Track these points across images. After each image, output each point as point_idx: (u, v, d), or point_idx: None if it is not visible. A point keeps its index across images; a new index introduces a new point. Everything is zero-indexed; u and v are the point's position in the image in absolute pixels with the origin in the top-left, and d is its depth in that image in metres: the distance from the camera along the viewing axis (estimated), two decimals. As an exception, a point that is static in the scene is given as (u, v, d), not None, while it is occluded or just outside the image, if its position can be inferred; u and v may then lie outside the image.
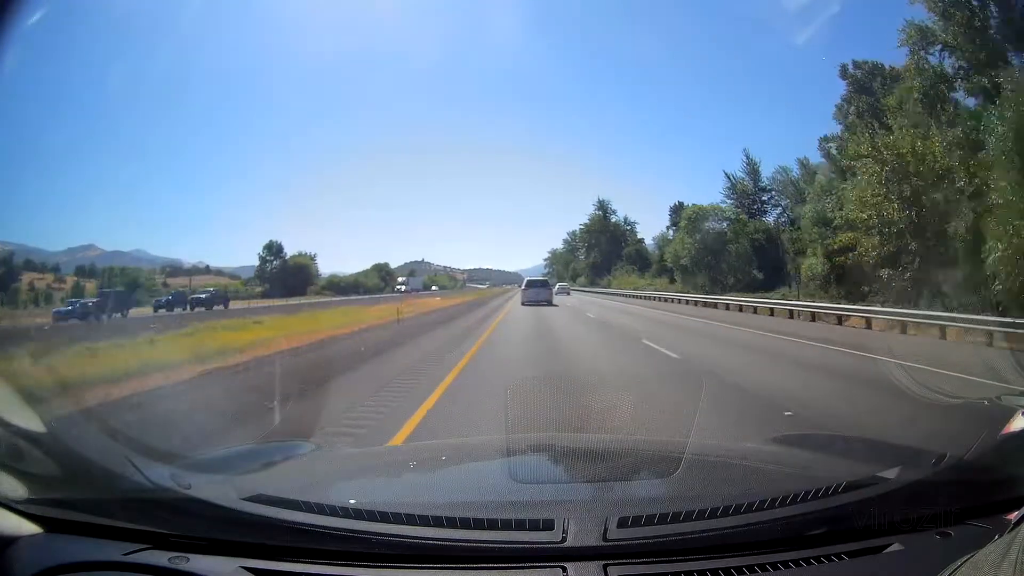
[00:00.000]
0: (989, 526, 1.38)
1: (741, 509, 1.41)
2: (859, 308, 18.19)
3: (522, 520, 1.43)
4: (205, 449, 3.99)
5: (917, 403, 5.96)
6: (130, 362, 9.02)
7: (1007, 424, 1.65)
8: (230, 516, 1.40)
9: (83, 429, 4.07)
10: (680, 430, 4.69)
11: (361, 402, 6.69)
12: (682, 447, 2.17)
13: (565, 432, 4.00)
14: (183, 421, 5.76)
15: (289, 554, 1.33)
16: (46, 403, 4.47)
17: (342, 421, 5.76)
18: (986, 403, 4.72)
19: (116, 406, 6.20)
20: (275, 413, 5.88)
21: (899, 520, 1.38)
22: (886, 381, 7.44)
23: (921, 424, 5.21)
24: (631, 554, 1.31)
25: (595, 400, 6.23)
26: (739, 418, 5.60)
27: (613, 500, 1.61)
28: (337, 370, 8.88)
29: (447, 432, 5.32)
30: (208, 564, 1.31)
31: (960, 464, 1.59)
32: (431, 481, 2.07)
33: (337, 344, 13.11)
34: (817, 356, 10.83)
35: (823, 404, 6.49)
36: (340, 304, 35.70)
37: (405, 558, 1.33)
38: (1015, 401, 3.94)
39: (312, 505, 1.43)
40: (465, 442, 3.92)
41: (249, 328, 16.75)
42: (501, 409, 3.89)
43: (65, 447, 1.71)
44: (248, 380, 8.20)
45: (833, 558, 1.32)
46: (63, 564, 1.32)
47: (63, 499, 1.48)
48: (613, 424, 5.39)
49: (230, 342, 12.58)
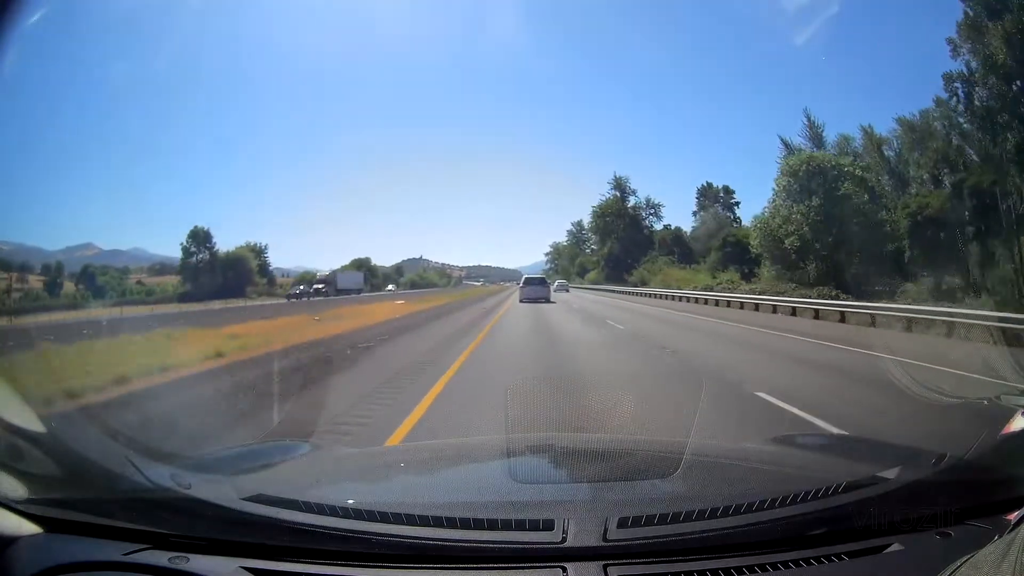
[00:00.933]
0: (989, 526, 1.38)
1: (741, 509, 1.41)
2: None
3: (522, 520, 1.43)
4: (206, 449, 3.99)
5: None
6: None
7: (1007, 424, 1.65)
8: (230, 516, 1.40)
9: (83, 429, 4.07)
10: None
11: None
12: (682, 447, 2.17)
13: (565, 432, 3.99)
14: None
15: (289, 554, 1.33)
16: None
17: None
18: (986, 403, 4.72)
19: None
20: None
21: (899, 520, 1.38)
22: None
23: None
24: (631, 554, 1.31)
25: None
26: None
27: (613, 500, 1.61)
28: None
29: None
30: (208, 564, 1.31)
31: (960, 464, 1.59)
32: (431, 481, 2.06)
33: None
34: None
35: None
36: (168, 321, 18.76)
37: (405, 558, 1.33)
38: (1015, 401, 3.94)
39: (312, 505, 1.43)
40: (465, 442, 3.91)
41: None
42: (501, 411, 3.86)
43: (65, 447, 1.71)
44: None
45: (833, 558, 1.32)
46: (63, 564, 1.32)
47: (63, 499, 1.48)
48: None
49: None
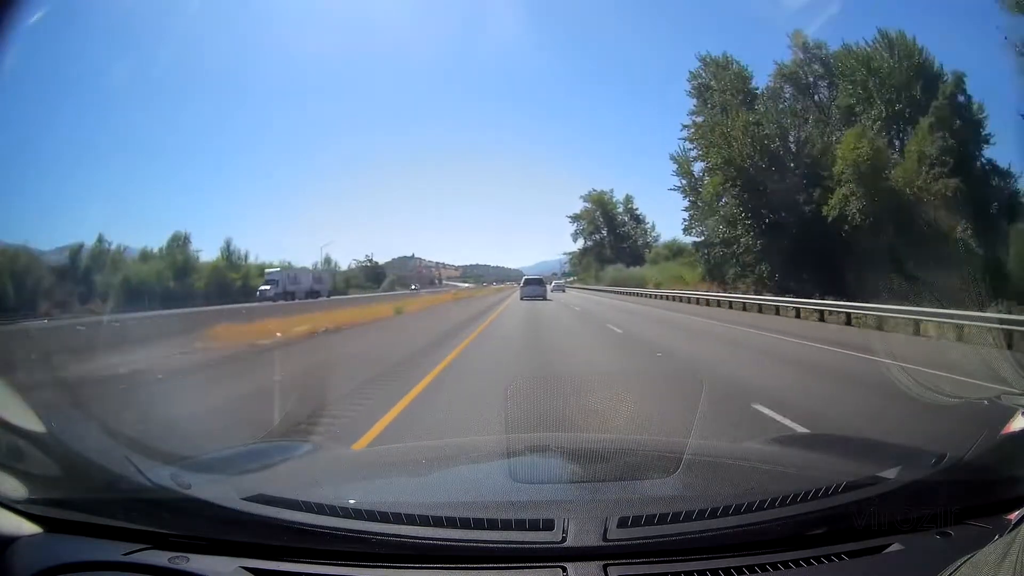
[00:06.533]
0: (989, 526, 1.39)
1: (741, 509, 1.41)
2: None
3: (522, 520, 1.43)
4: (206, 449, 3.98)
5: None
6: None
7: (1007, 424, 1.65)
8: (230, 516, 1.40)
9: (83, 429, 4.07)
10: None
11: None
12: (682, 447, 2.17)
13: (565, 432, 4.00)
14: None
15: (289, 554, 1.33)
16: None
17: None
18: (986, 403, 4.72)
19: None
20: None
21: (899, 520, 1.38)
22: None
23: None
24: (631, 554, 1.31)
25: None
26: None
27: (613, 500, 1.61)
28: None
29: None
30: (208, 564, 1.31)
31: (960, 464, 1.59)
32: (431, 481, 2.06)
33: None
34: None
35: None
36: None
37: (405, 558, 1.33)
38: (1015, 401, 3.95)
39: (312, 505, 1.43)
40: (465, 442, 3.92)
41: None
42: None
43: (65, 447, 1.72)
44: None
45: (833, 558, 1.32)
46: (63, 564, 1.32)
47: (63, 499, 1.48)
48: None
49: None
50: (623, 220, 60.23)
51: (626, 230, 59.65)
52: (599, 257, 59.80)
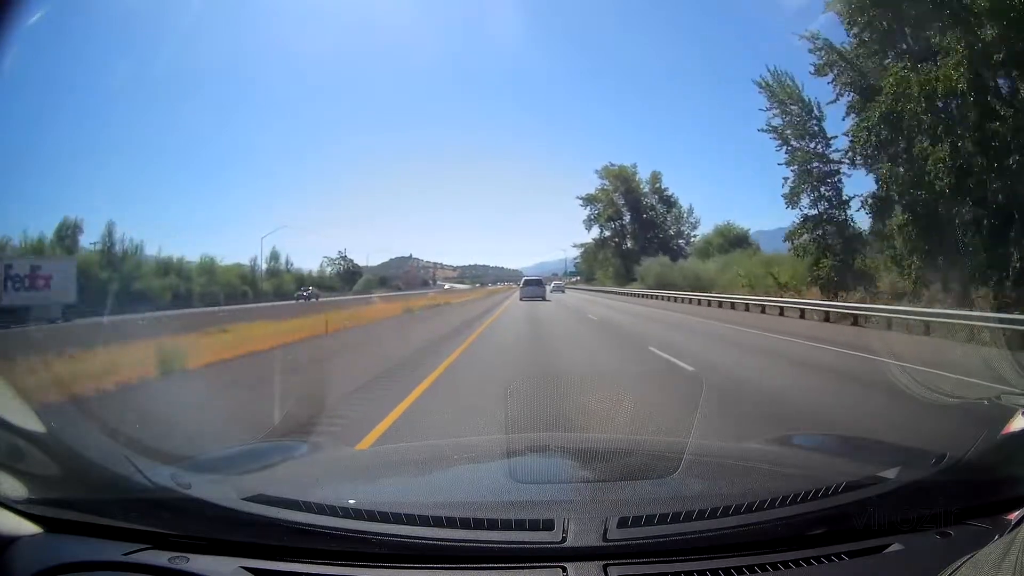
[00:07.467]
0: (989, 526, 1.39)
1: (741, 509, 1.41)
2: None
3: (522, 520, 1.43)
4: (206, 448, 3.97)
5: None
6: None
7: (1007, 424, 1.65)
8: (230, 516, 1.40)
9: (83, 429, 4.07)
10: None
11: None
12: (682, 447, 2.17)
13: (564, 432, 3.99)
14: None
15: (289, 554, 1.33)
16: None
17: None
18: (986, 403, 4.72)
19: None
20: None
21: (899, 520, 1.38)
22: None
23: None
24: (631, 554, 1.31)
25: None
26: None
27: (613, 500, 1.61)
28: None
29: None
30: (208, 564, 1.31)
31: (960, 464, 1.59)
32: (431, 481, 2.06)
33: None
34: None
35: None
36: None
37: (405, 558, 1.33)
38: (1015, 401, 3.95)
39: (312, 505, 1.43)
40: (465, 442, 3.91)
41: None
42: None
43: (65, 447, 1.71)
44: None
45: (833, 558, 1.32)
46: (63, 564, 1.32)
47: (63, 499, 1.48)
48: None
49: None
50: (650, 204, 46.72)
51: (653, 215, 46.76)
52: (619, 251, 48.25)
